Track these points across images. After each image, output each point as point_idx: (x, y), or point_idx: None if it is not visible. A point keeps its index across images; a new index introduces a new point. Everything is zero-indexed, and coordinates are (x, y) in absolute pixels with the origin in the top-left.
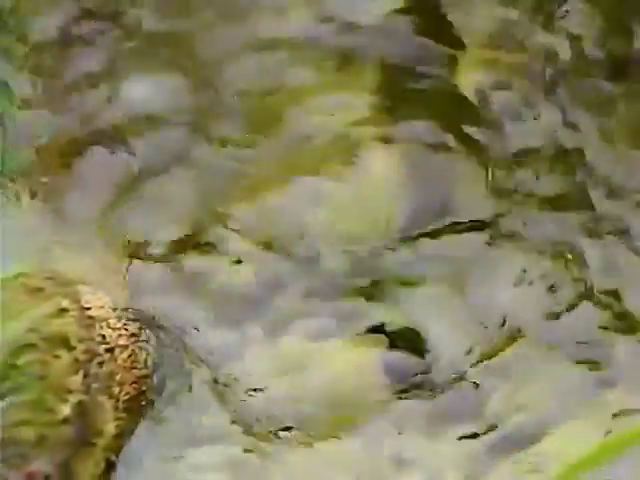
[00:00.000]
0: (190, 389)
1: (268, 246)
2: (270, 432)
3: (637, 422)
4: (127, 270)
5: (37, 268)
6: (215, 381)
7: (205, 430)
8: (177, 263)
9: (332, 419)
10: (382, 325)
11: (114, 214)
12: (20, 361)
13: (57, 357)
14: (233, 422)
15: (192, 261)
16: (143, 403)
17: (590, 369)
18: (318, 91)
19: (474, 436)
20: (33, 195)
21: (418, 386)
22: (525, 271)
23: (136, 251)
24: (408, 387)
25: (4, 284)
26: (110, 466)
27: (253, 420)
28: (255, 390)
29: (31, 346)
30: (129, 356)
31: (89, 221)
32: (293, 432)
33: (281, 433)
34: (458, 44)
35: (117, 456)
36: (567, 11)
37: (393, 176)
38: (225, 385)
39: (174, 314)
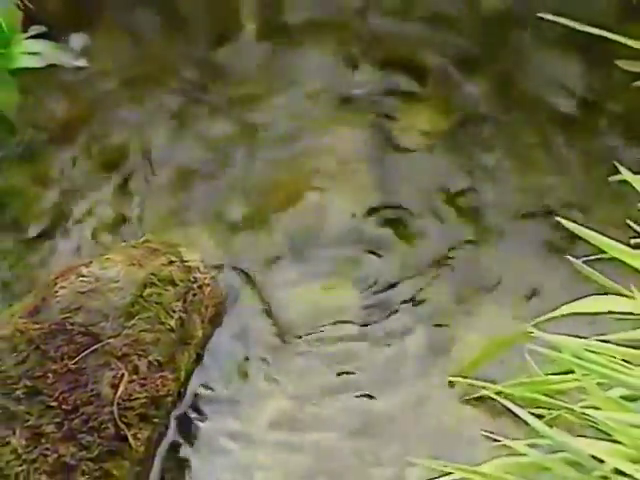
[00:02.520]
0: None
1: None
2: None
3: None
4: None
5: (155, 237)
6: None
7: None
8: None
9: None
10: None
11: None
12: (145, 293)
13: (167, 290)
14: None
15: None
16: (219, 319)
17: None
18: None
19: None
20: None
21: None
22: None
23: None
24: None
25: (135, 246)
26: (199, 357)
27: None
28: None
29: (151, 284)
30: (211, 290)
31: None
32: None
33: None
34: None
35: (203, 351)
36: None
37: None
38: None
39: None
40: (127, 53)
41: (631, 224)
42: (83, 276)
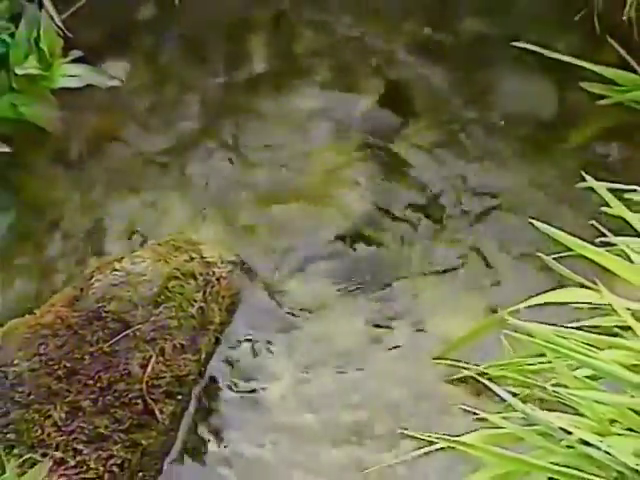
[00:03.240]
0: None
1: None
2: None
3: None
4: None
5: (179, 236)
6: None
7: None
8: None
9: None
10: None
11: None
12: (169, 285)
13: (189, 283)
14: None
15: None
16: (235, 308)
17: None
18: None
19: None
20: None
21: None
22: None
23: None
24: None
25: (161, 244)
26: (217, 340)
27: None
28: None
29: (175, 277)
30: (227, 282)
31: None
32: None
33: None
34: None
35: (221, 335)
36: None
37: None
38: None
39: None
40: (153, 75)
41: (596, 225)
42: (116, 270)
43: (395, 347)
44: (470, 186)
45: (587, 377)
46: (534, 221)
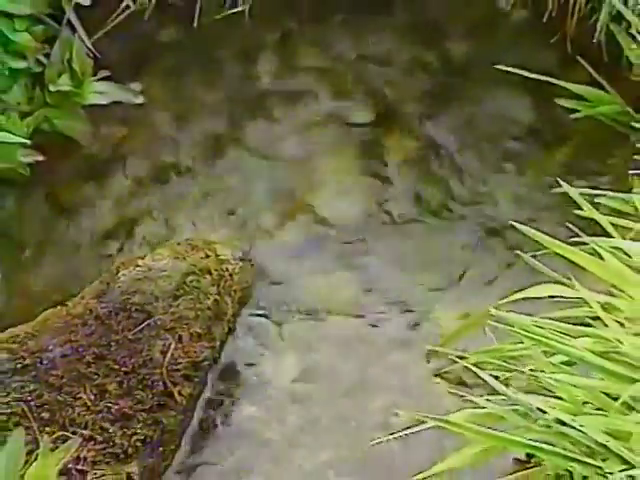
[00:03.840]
0: None
1: None
2: None
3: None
4: None
5: (195, 236)
6: None
7: None
8: None
9: None
10: None
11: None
12: (187, 280)
13: (204, 278)
14: None
15: None
16: (246, 300)
17: None
18: None
19: None
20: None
21: None
22: None
23: None
24: None
25: (179, 244)
26: (230, 329)
27: None
28: None
29: (192, 273)
30: (239, 277)
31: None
32: None
33: None
34: None
35: (234, 325)
36: None
37: None
38: None
39: None
40: (173, 92)
41: (570, 226)
42: (139, 266)
43: (391, 337)
44: (458, 192)
45: (562, 363)
46: (515, 223)
